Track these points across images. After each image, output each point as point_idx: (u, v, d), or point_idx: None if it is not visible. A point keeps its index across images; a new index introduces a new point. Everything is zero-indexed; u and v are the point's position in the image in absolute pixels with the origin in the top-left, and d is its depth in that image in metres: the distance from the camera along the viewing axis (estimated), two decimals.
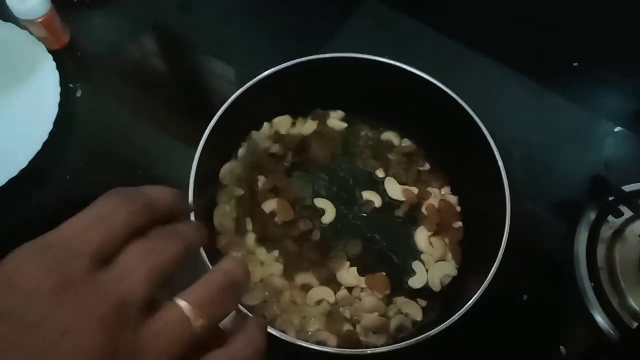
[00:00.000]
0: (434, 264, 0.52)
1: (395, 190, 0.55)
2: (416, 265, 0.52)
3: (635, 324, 0.50)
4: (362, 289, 0.50)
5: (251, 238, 0.51)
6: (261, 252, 0.51)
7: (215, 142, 0.48)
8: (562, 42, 0.68)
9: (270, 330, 0.39)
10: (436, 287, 0.51)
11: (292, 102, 0.56)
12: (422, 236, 0.53)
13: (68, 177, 0.59)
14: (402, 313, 0.48)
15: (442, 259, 0.52)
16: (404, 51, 0.54)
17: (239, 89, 0.50)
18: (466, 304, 0.41)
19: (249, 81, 0.50)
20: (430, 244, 0.53)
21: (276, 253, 0.51)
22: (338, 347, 0.45)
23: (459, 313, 0.41)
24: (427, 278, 0.51)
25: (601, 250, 0.55)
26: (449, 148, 0.55)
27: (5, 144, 0.58)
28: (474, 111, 0.49)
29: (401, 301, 0.49)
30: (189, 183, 0.45)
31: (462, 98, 0.50)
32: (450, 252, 0.52)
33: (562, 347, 0.51)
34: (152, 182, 0.59)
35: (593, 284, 0.52)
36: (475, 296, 0.42)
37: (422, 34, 0.69)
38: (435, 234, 0.53)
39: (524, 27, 0.69)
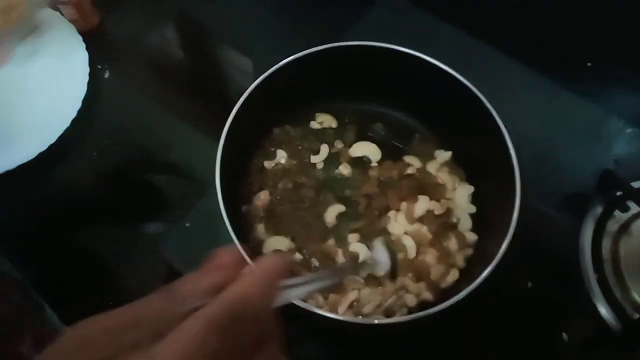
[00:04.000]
0: None
1: None
2: None
3: (637, 315, 0.51)
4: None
5: None
6: None
7: (237, 128, 0.50)
8: (576, 40, 0.69)
9: None
10: None
11: (310, 89, 0.58)
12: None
13: (94, 153, 0.62)
14: (410, 292, 0.50)
15: None
16: (420, 44, 0.55)
17: (254, 79, 0.52)
18: (474, 280, 0.42)
19: (264, 72, 0.52)
20: None
21: None
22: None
23: (466, 290, 0.42)
24: None
25: (606, 243, 0.56)
26: (463, 137, 0.56)
27: (36, 120, 0.61)
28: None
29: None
30: (215, 166, 0.47)
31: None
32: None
33: (564, 334, 0.52)
34: (171, 164, 0.62)
35: (597, 275, 0.54)
36: (484, 273, 0.43)
37: (438, 27, 0.70)
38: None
39: (539, 23, 0.70)
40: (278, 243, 0.52)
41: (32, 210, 0.59)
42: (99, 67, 0.66)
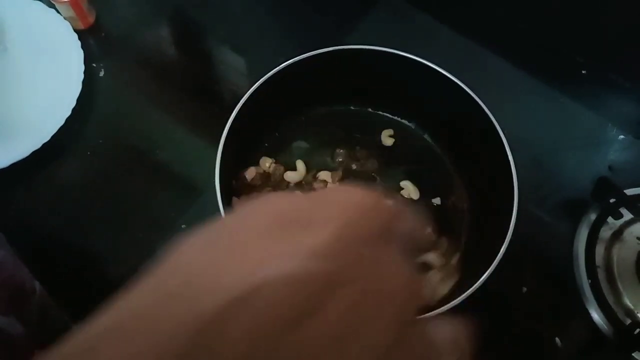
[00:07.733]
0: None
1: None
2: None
3: (629, 320, 0.52)
4: None
5: None
6: None
7: (235, 132, 0.49)
8: (574, 46, 0.70)
9: None
10: None
11: (309, 92, 0.58)
12: None
13: (88, 152, 0.61)
14: None
15: None
16: (420, 48, 0.55)
17: (250, 80, 0.52)
18: (474, 284, 0.43)
19: (259, 73, 0.52)
20: None
21: None
22: None
23: (460, 298, 0.43)
24: None
25: (600, 250, 0.56)
26: (460, 142, 0.57)
27: (30, 118, 0.60)
28: None
29: None
30: (215, 168, 0.47)
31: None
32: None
33: (557, 339, 0.53)
34: (168, 164, 0.61)
35: (590, 281, 0.54)
36: (480, 280, 0.43)
37: (438, 31, 0.70)
38: None
39: (538, 28, 0.70)
40: None
41: (24, 209, 0.58)
42: (94, 65, 0.66)
